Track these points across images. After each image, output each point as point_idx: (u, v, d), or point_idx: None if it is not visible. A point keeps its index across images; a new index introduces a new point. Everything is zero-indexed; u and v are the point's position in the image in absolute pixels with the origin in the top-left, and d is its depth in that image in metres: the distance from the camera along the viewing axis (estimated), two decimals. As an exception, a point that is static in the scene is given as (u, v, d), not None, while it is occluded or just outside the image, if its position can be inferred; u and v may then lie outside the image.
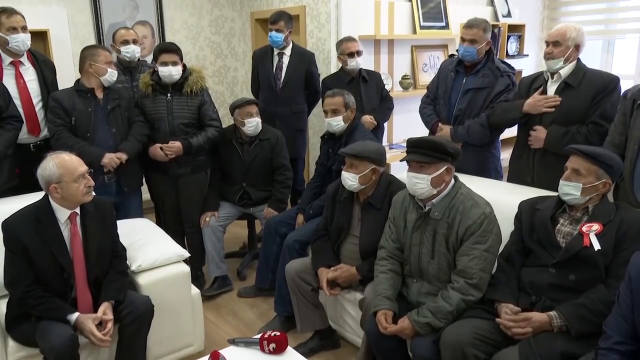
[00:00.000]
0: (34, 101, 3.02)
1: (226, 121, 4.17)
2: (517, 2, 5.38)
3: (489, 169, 3.01)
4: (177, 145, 3.07)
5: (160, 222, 3.47)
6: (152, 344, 2.35)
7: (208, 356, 1.90)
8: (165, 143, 3.09)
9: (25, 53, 3.02)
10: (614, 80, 2.50)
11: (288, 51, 3.78)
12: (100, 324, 2.08)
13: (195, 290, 2.58)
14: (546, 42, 2.57)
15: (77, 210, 2.16)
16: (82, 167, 2.11)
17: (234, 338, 2.03)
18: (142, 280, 2.40)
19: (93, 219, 2.19)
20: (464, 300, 1.95)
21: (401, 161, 2.17)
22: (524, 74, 3.48)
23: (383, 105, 3.77)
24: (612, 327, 1.57)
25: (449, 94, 3.01)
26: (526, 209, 2.06)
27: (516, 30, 5.17)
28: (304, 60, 3.79)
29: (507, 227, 2.10)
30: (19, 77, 2.98)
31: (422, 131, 3.21)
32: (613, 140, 2.34)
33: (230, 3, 4.99)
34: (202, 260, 3.36)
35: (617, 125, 2.34)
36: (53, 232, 2.09)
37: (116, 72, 2.99)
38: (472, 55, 2.87)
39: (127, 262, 2.37)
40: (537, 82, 2.66)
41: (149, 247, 2.50)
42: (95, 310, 2.12)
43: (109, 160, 2.88)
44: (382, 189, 2.42)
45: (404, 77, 4.46)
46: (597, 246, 1.80)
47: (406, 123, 4.49)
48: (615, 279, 1.76)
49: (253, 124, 3.21)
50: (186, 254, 2.56)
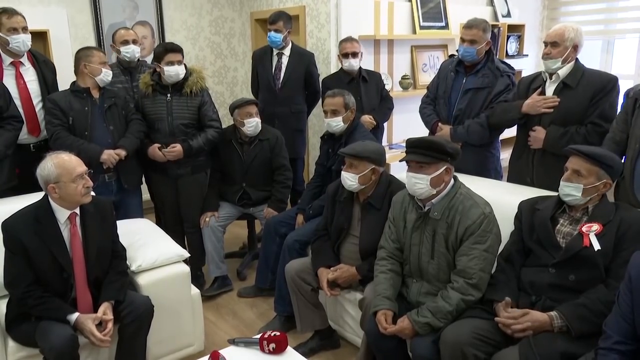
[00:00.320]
0: (34, 101, 3.03)
1: (226, 121, 4.17)
2: (517, 2, 5.39)
3: (489, 169, 3.01)
4: (178, 149, 3.07)
5: (160, 223, 3.47)
6: (152, 344, 2.35)
7: (208, 356, 1.90)
8: (165, 143, 3.10)
9: (25, 53, 3.02)
10: (613, 80, 2.50)
11: (287, 51, 3.78)
12: (100, 324, 2.08)
13: (195, 290, 2.59)
14: (544, 43, 2.57)
15: (77, 210, 2.16)
16: (81, 168, 2.10)
17: (234, 338, 2.04)
18: (142, 280, 2.40)
19: (93, 219, 2.19)
20: (464, 300, 1.95)
21: (400, 161, 2.17)
22: (524, 74, 3.49)
23: (383, 105, 3.77)
24: (612, 327, 1.57)
25: (449, 94, 3.02)
26: (526, 209, 2.06)
27: (516, 30, 5.17)
28: (303, 60, 3.79)
29: (507, 227, 2.10)
30: (19, 78, 2.98)
31: (422, 131, 3.21)
32: (614, 137, 2.34)
33: (230, 3, 4.99)
34: (202, 260, 3.36)
35: (619, 122, 2.34)
36: (53, 233, 2.09)
37: (111, 72, 2.99)
38: (472, 55, 2.88)
39: (127, 262, 2.37)
40: (536, 83, 2.67)
41: (149, 247, 2.50)
42: (95, 310, 2.12)
43: (108, 156, 2.88)
44: (382, 189, 2.43)
45: (404, 77, 4.46)
46: (597, 246, 1.80)
47: (406, 123, 4.49)
48: (615, 279, 1.77)
49: (252, 124, 3.22)
50: (186, 254, 2.56)
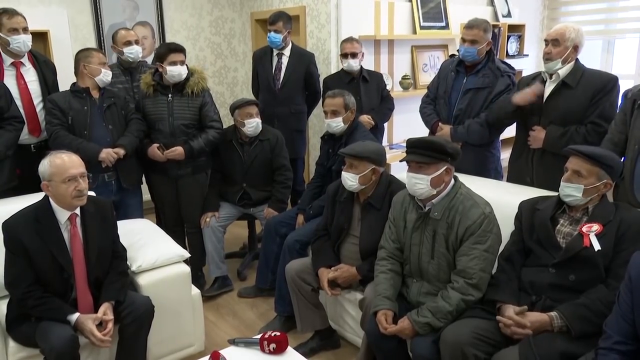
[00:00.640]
0: (35, 102, 3.03)
1: (226, 122, 4.16)
2: (517, 2, 5.39)
3: (489, 169, 3.01)
4: (179, 150, 3.07)
5: (160, 223, 3.47)
6: (153, 344, 2.35)
7: (208, 356, 1.90)
8: (165, 144, 3.10)
9: (26, 54, 3.02)
10: (613, 79, 2.50)
11: (287, 51, 3.78)
12: (100, 325, 2.08)
13: (195, 290, 2.59)
14: (545, 41, 2.57)
15: (77, 211, 2.16)
16: (75, 170, 2.07)
17: (234, 338, 2.04)
18: (143, 280, 2.40)
19: (93, 220, 2.19)
20: (464, 300, 1.95)
21: (401, 161, 2.17)
22: (524, 74, 3.49)
23: (383, 105, 3.77)
24: (612, 327, 1.57)
25: (449, 94, 3.02)
26: (526, 209, 2.06)
27: (516, 30, 5.17)
28: (303, 60, 3.79)
29: (507, 227, 2.10)
30: (20, 78, 2.98)
31: (423, 131, 3.21)
32: (612, 138, 2.34)
33: (230, 4, 5.00)
34: (203, 260, 3.36)
35: (618, 123, 2.34)
36: (53, 233, 2.09)
37: (110, 73, 2.99)
38: (473, 55, 2.88)
39: (128, 263, 2.37)
40: (535, 82, 2.66)
41: (149, 248, 2.50)
42: (95, 310, 2.12)
43: (107, 155, 2.88)
44: (382, 189, 2.43)
45: (404, 77, 4.47)
46: (597, 246, 1.80)
47: (406, 123, 4.50)
48: (615, 279, 1.77)
49: (253, 125, 3.21)
50: (186, 255, 2.56)
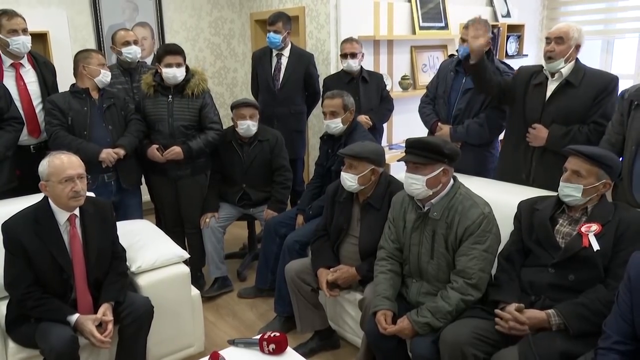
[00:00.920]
0: (34, 103, 3.03)
1: (226, 123, 4.17)
2: (516, 2, 5.39)
3: (488, 169, 3.01)
4: (177, 150, 3.08)
5: (160, 224, 3.48)
6: (152, 345, 2.35)
7: (208, 357, 1.90)
8: (165, 145, 3.10)
9: (25, 55, 3.02)
10: (614, 80, 2.51)
11: (286, 52, 3.78)
12: (100, 325, 2.09)
13: (195, 291, 2.59)
14: (547, 39, 2.53)
15: (77, 212, 2.16)
16: (72, 171, 2.07)
17: (234, 339, 2.04)
18: (142, 281, 2.40)
19: (93, 220, 2.19)
20: (463, 300, 1.95)
21: (398, 161, 2.17)
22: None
23: (382, 106, 3.76)
24: (612, 327, 1.57)
25: (449, 94, 3.02)
26: (525, 209, 2.06)
27: (515, 30, 5.17)
28: (303, 61, 3.79)
29: (506, 227, 2.10)
30: (19, 79, 2.98)
31: (422, 131, 3.22)
32: (610, 139, 2.35)
33: (229, 4, 5.00)
34: (202, 261, 3.36)
35: (615, 124, 2.34)
36: (52, 234, 2.09)
37: (109, 73, 2.99)
38: (472, 55, 2.87)
39: (127, 263, 2.37)
40: (537, 79, 2.62)
41: (149, 248, 2.50)
42: (95, 311, 2.12)
43: (107, 155, 2.88)
44: (382, 190, 2.43)
45: (404, 78, 4.47)
46: (596, 246, 1.81)
47: (406, 123, 4.49)
48: (614, 279, 1.77)
49: (243, 127, 3.21)
50: (186, 255, 2.56)
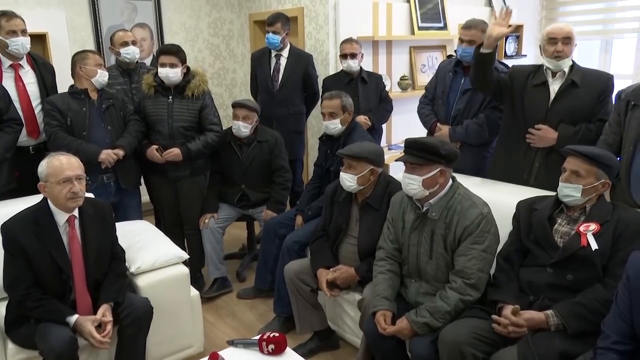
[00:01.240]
0: (34, 104, 3.02)
1: (225, 123, 4.17)
2: (515, 3, 5.38)
3: (487, 169, 3.00)
4: (176, 152, 3.08)
5: (159, 224, 3.48)
6: (152, 346, 2.35)
7: (207, 357, 1.90)
8: (164, 145, 3.10)
9: (24, 56, 3.02)
10: (612, 78, 2.55)
11: (285, 53, 3.78)
12: (99, 326, 2.08)
13: (194, 291, 2.59)
14: (553, 39, 2.47)
15: (76, 213, 2.16)
16: (70, 172, 2.07)
17: (233, 339, 2.04)
18: (141, 282, 2.40)
19: (92, 221, 2.19)
20: (462, 300, 1.95)
21: (396, 161, 2.18)
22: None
23: (381, 107, 3.77)
24: (610, 327, 1.58)
25: (447, 94, 3.02)
26: (524, 209, 2.06)
27: (514, 30, 5.13)
28: (301, 61, 3.79)
29: (505, 227, 2.10)
30: (19, 80, 2.98)
31: (421, 132, 3.22)
32: (607, 139, 2.35)
33: (228, 5, 5.00)
34: (202, 261, 3.36)
35: (612, 124, 2.35)
36: (52, 235, 2.09)
37: (107, 74, 3.00)
38: (471, 55, 2.87)
39: (126, 264, 2.37)
40: (537, 79, 2.58)
41: (148, 249, 2.50)
42: (94, 312, 2.12)
43: (106, 156, 2.88)
44: (381, 190, 2.43)
45: (403, 78, 4.47)
46: (595, 246, 1.81)
47: (405, 124, 4.49)
48: (612, 278, 1.77)
49: (235, 127, 3.23)
50: (185, 256, 2.56)
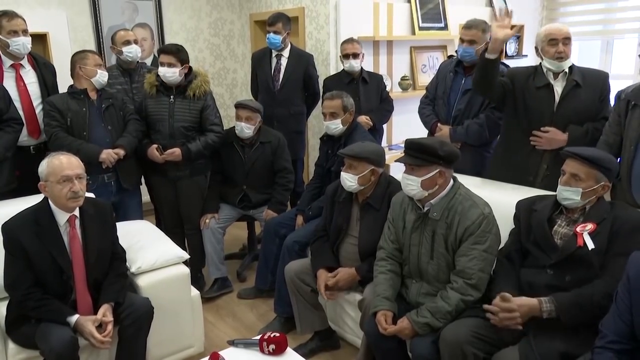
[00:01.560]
0: (34, 104, 3.02)
1: (226, 123, 4.17)
2: (516, 3, 5.38)
3: (487, 169, 3.00)
4: (177, 152, 3.08)
5: (160, 224, 3.48)
6: (152, 346, 2.35)
7: (208, 357, 1.90)
8: (164, 145, 3.10)
9: (25, 56, 3.02)
10: (608, 76, 2.59)
11: (286, 53, 3.78)
12: (100, 326, 2.08)
13: (195, 291, 2.59)
14: (554, 40, 2.47)
15: (77, 213, 2.16)
16: (70, 171, 2.07)
17: (234, 339, 2.04)
18: (142, 282, 2.40)
19: (93, 221, 2.20)
20: (463, 300, 1.95)
21: (396, 162, 2.17)
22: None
23: (382, 107, 3.77)
24: (609, 327, 1.57)
25: (448, 94, 3.03)
26: (524, 209, 2.05)
27: (515, 31, 5.17)
28: (302, 61, 3.79)
29: (506, 228, 2.10)
30: (20, 80, 2.98)
31: (422, 132, 3.22)
32: (607, 139, 2.35)
33: (229, 5, 5.00)
34: (202, 262, 3.36)
35: (612, 125, 2.35)
36: (52, 234, 2.09)
37: (106, 74, 3.00)
38: (472, 55, 2.88)
39: (127, 264, 2.37)
40: (539, 81, 2.55)
41: (149, 249, 2.50)
42: (95, 312, 2.12)
43: (107, 155, 2.89)
44: (381, 190, 2.43)
45: (403, 78, 4.47)
46: (591, 245, 1.80)
47: (405, 124, 4.49)
48: (607, 273, 1.76)
49: (238, 128, 3.23)
50: (186, 256, 2.56)
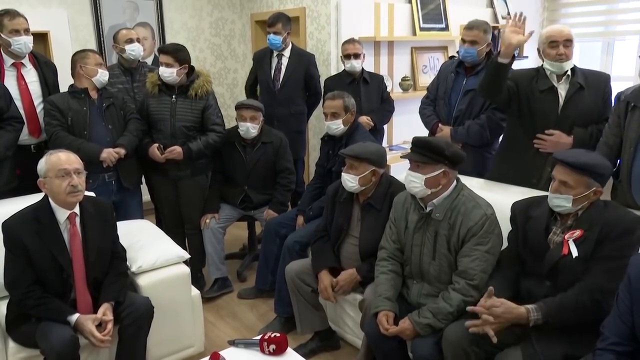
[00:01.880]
0: (35, 102, 3.02)
1: (227, 123, 4.16)
2: (517, 4, 5.39)
3: (489, 170, 3.00)
4: (177, 150, 3.08)
5: (160, 224, 3.47)
6: (152, 345, 2.34)
7: (208, 357, 1.90)
8: (165, 144, 3.10)
9: (27, 55, 3.02)
10: (609, 77, 2.57)
11: (287, 52, 3.78)
12: (100, 325, 2.08)
13: (195, 291, 2.58)
14: (554, 42, 2.45)
15: (77, 210, 2.16)
16: (69, 165, 2.07)
17: (234, 339, 2.04)
18: (142, 281, 2.40)
19: (93, 220, 2.19)
20: (465, 301, 1.95)
21: (402, 157, 2.17)
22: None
23: (383, 107, 3.77)
24: (610, 329, 1.57)
25: (449, 95, 3.02)
26: (520, 213, 2.00)
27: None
28: (303, 61, 3.79)
29: (508, 229, 2.08)
30: (21, 79, 2.98)
31: (423, 132, 3.21)
32: (607, 141, 2.34)
33: (230, 5, 5.00)
34: (202, 261, 3.36)
35: (612, 126, 2.34)
36: (52, 232, 2.09)
37: (107, 73, 2.99)
38: (473, 56, 2.89)
39: (127, 263, 2.37)
40: (543, 84, 2.53)
41: (149, 249, 2.50)
42: (95, 311, 2.12)
43: (108, 154, 2.88)
44: (382, 190, 2.42)
45: (404, 79, 4.47)
46: (575, 253, 1.78)
47: (406, 124, 4.50)
48: (590, 277, 1.75)
49: (243, 129, 3.22)
50: (186, 256, 2.56)
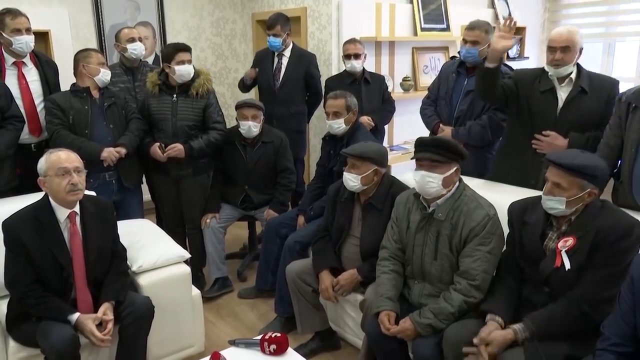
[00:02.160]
0: (36, 102, 3.02)
1: (227, 122, 4.15)
2: (518, 5, 5.39)
3: (490, 171, 3.00)
4: (179, 147, 3.07)
5: (160, 223, 3.47)
6: (153, 345, 2.34)
7: (208, 357, 1.90)
8: (167, 144, 3.09)
9: (28, 54, 3.01)
10: (618, 83, 2.52)
11: (287, 52, 3.78)
12: (100, 324, 2.08)
13: (195, 291, 2.58)
14: (552, 48, 2.42)
15: (77, 209, 2.16)
16: (69, 164, 2.07)
17: (235, 339, 2.04)
18: (143, 280, 2.39)
19: (93, 219, 2.19)
20: (466, 301, 1.95)
21: (412, 159, 2.14)
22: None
23: (384, 107, 3.77)
24: (611, 329, 1.56)
25: (450, 95, 3.03)
26: (516, 217, 1.99)
27: (517, 32, 5.12)
28: (303, 61, 3.78)
29: (508, 229, 2.09)
30: (22, 78, 2.98)
31: (423, 132, 3.20)
32: (608, 142, 2.33)
33: (231, 4, 5.00)
34: (203, 261, 3.35)
35: (613, 127, 2.32)
36: (52, 231, 2.09)
37: (109, 72, 2.99)
38: (474, 56, 2.89)
39: (128, 263, 2.37)
40: (544, 85, 2.52)
41: (150, 248, 2.50)
42: (95, 310, 2.12)
43: (109, 154, 2.88)
44: (384, 190, 2.42)
45: (405, 79, 4.47)
46: (567, 266, 1.77)
47: (407, 124, 4.50)
48: (582, 284, 1.75)
49: (245, 128, 3.22)
50: (187, 255, 2.56)
